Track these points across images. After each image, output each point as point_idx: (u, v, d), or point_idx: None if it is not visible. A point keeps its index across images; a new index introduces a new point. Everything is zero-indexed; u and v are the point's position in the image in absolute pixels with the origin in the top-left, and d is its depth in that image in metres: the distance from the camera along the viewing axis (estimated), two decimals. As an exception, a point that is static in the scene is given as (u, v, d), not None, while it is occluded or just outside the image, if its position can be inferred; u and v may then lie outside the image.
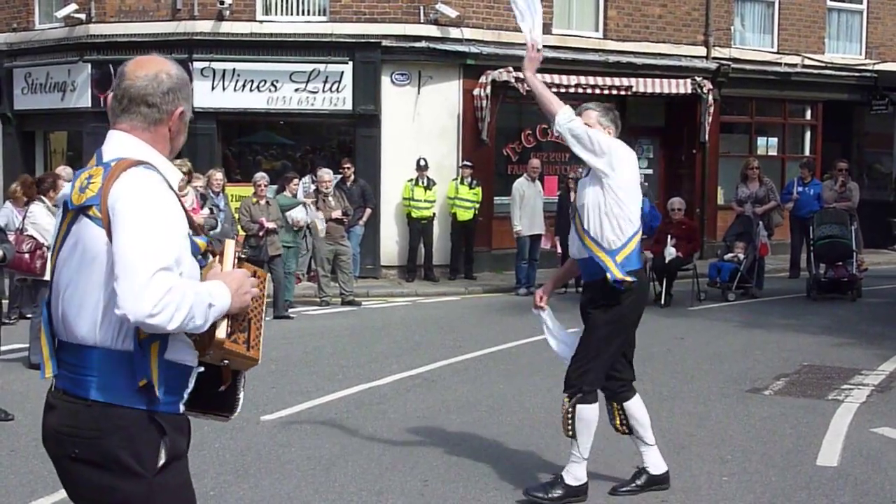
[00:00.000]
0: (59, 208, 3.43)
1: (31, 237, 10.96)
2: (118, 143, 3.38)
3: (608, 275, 6.41)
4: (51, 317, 3.38)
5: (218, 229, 13.93)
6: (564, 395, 6.59)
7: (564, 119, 6.39)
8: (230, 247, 3.47)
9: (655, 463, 6.87)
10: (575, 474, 6.67)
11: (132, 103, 3.38)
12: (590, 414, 6.58)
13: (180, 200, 3.36)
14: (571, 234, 6.72)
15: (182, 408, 3.41)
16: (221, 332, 3.26)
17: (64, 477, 3.37)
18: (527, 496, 6.68)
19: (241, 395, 3.62)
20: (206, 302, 3.16)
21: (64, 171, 16.88)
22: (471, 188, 19.45)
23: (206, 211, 13.19)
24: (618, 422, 6.82)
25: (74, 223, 3.27)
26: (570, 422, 6.55)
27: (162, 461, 3.30)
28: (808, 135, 26.11)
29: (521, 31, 6.70)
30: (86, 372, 3.25)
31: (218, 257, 3.43)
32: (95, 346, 3.24)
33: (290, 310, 15.45)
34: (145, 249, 3.11)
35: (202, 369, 3.41)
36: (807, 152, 25.54)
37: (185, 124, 3.50)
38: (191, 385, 3.40)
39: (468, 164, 19.54)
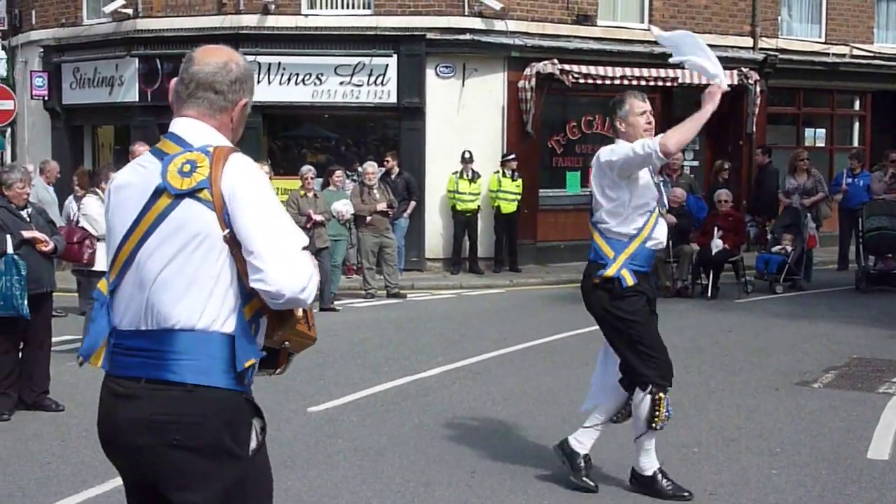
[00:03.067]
0: (122, 193, 3.39)
1: (83, 228, 11.08)
2: (195, 130, 3.39)
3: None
4: (114, 306, 3.36)
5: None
6: (660, 392, 6.46)
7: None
8: None
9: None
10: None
11: (199, 88, 3.38)
12: None
13: None
14: (662, 224, 6.57)
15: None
16: (300, 312, 3.33)
17: (150, 468, 3.29)
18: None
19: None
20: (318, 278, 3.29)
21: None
22: (513, 180, 19.43)
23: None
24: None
25: (175, 207, 3.24)
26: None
27: (255, 443, 3.34)
28: (856, 126, 25.85)
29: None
30: (178, 357, 3.22)
31: None
32: (193, 330, 3.22)
33: (336, 302, 15.51)
34: (286, 229, 3.23)
35: (265, 354, 3.44)
36: (855, 143, 25.28)
37: (245, 117, 3.52)
38: (257, 368, 3.41)
39: (510, 156, 19.52)
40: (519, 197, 19.55)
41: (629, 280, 6.37)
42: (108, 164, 16.30)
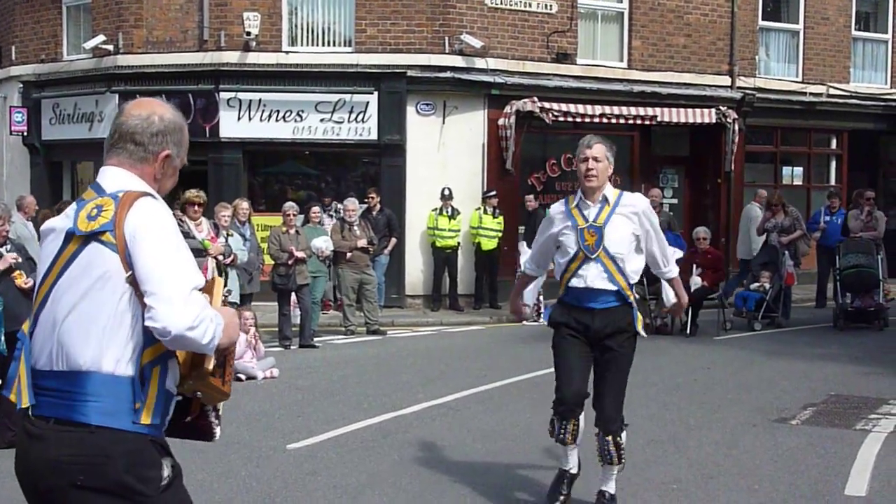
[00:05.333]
0: (47, 238, 3.47)
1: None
2: (115, 177, 3.48)
3: (632, 305, 6.72)
4: (32, 346, 3.42)
5: (244, 259, 13.98)
6: (609, 437, 6.67)
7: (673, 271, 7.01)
8: (219, 285, 3.63)
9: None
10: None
11: (121, 139, 3.50)
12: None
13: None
14: (591, 264, 6.72)
15: (163, 433, 3.48)
16: (210, 364, 3.35)
17: None
18: None
19: (217, 427, 3.67)
20: (221, 325, 3.29)
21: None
22: (494, 217, 19.51)
23: (221, 240, 13.33)
24: (571, 437, 6.86)
25: (83, 250, 3.34)
26: (622, 452, 6.73)
27: (165, 481, 3.37)
28: (833, 164, 26.03)
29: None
30: (84, 398, 3.29)
31: (207, 292, 3.49)
32: (99, 371, 3.28)
33: (316, 339, 15.48)
34: (179, 269, 3.26)
35: (180, 398, 3.50)
36: (832, 182, 25.45)
37: (173, 168, 3.59)
38: (170, 412, 3.48)
39: (491, 193, 19.61)
40: (500, 234, 19.62)
41: (552, 314, 7.03)
42: (66, 200, 16.25)
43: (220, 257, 13.06)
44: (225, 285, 12.68)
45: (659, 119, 21.50)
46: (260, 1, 19.89)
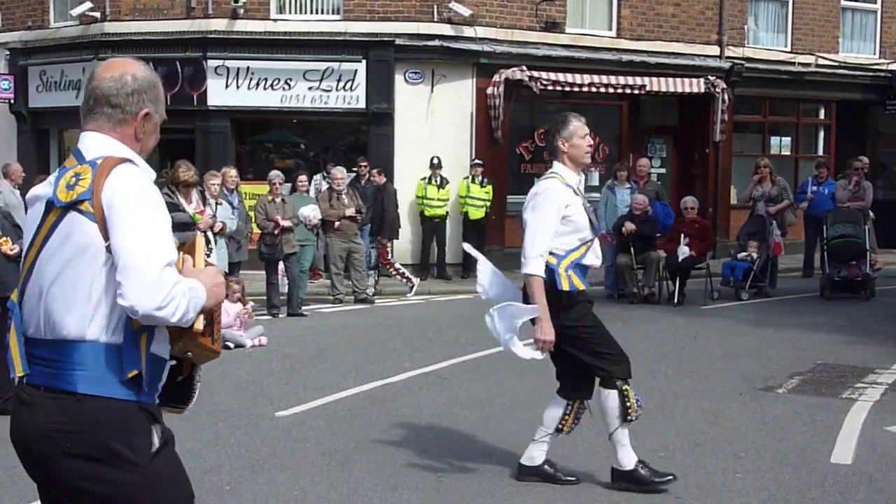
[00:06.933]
0: (33, 207, 3.44)
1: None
2: (95, 143, 3.43)
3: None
4: (22, 315, 3.42)
5: (232, 228, 13.94)
6: (625, 385, 6.75)
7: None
8: (200, 242, 3.58)
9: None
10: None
11: (97, 104, 3.44)
12: None
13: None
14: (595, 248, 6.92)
15: (156, 400, 3.47)
16: (199, 325, 3.33)
17: (50, 475, 3.37)
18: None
19: (197, 387, 3.67)
20: (197, 297, 3.27)
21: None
22: (482, 186, 19.50)
23: (209, 211, 13.27)
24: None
25: (62, 219, 3.30)
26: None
27: (155, 447, 3.37)
28: (821, 134, 26.07)
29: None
30: (71, 366, 3.28)
31: (188, 253, 3.48)
32: (83, 340, 3.28)
33: (304, 307, 15.48)
34: (152, 244, 3.21)
35: (174, 363, 3.49)
36: (820, 152, 25.50)
37: (153, 125, 3.53)
38: (164, 378, 3.46)
39: (479, 162, 19.58)
40: (488, 203, 19.61)
41: (577, 283, 6.72)
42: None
43: (209, 231, 13.02)
44: (209, 254, 12.67)
45: (647, 88, 21.48)
46: (247, -32, 19.78)
